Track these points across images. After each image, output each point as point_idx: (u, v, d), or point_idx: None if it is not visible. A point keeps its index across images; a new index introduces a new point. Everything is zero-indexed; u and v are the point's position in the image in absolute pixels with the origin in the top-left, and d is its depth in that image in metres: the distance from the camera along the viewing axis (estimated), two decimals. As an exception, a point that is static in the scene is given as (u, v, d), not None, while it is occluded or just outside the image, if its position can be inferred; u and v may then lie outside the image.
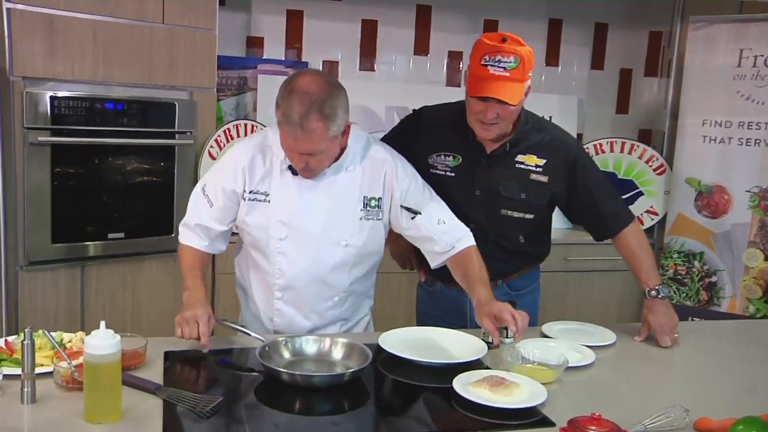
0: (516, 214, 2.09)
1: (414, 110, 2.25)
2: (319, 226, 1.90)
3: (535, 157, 2.07)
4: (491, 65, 1.89)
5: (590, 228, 2.18)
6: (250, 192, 1.91)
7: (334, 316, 2.01)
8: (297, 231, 1.90)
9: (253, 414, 1.49)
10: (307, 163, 1.80)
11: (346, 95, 1.79)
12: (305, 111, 1.69)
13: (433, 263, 2.04)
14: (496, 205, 2.09)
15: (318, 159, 1.80)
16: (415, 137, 2.16)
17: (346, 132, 1.82)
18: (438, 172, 2.11)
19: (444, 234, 1.98)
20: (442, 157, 2.11)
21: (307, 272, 1.93)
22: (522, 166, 2.07)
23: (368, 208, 1.94)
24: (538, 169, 2.07)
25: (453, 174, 2.10)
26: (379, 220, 1.96)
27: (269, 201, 1.90)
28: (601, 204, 2.11)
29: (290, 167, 1.88)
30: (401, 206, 1.96)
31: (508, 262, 2.16)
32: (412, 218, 1.96)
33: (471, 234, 2.02)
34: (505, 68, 1.88)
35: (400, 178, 1.96)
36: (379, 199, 1.95)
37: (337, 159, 1.89)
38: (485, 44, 1.92)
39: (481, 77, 1.91)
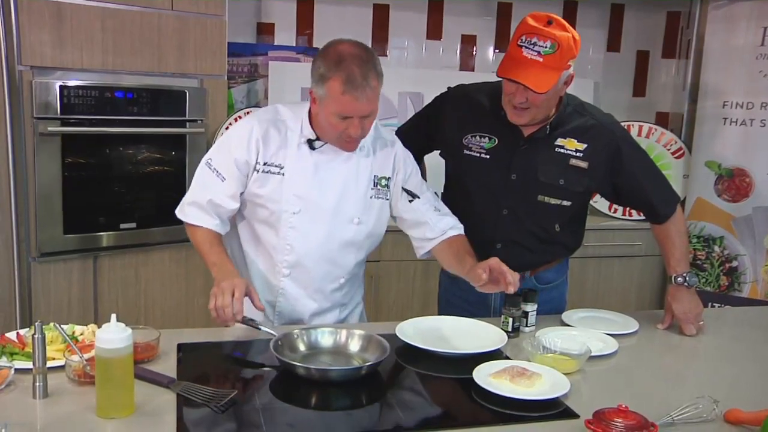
0: (553, 201, 2.02)
1: (449, 87, 2.17)
2: (332, 202, 1.89)
3: (575, 141, 1.99)
4: (526, 47, 1.82)
5: (643, 212, 2.13)
6: (264, 164, 1.87)
7: (336, 299, 1.99)
8: (310, 205, 1.88)
9: (268, 407, 1.45)
10: (362, 130, 1.79)
11: None
12: (366, 72, 1.72)
13: (421, 251, 2.05)
14: (533, 190, 2.01)
15: (371, 121, 1.81)
16: (449, 116, 2.10)
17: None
18: (472, 153, 2.05)
19: (439, 221, 2.01)
20: (477, 138, 2.04)
21: (318, 249, 1.90)
22: (562, 151, 1.99)
23: (378, 187, 1.95)
24: (578, 154, 1.99)
25: (488, 156, 2.03)
26: (387, 200, 1.98)
27: (283, 174, 1.87)
28: (649, 190, 2.04)
29: (309, 141, 1.87)
30: (402, 188, 1.98)
31: (540, 252, 2.09)
32: (410, 201, 1.99)
33: (462, 226, 2.03)
34: (539, 53, 1.80)
35: (406, 162, 1.99)
36: (388, 179, 1.96)
37: None
38: (527, 24, 1.84)
39: (513, 58, 1.84)
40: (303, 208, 1.87)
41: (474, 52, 4.09)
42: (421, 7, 3.99)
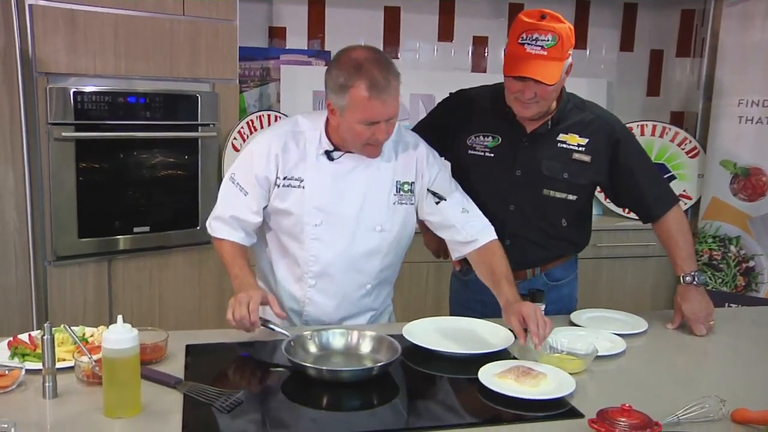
0: (559, 195, 2.03)
1: (451, 93, 2.20)
2: (354, 212, 1.89)
3: (577, 136, 2.02)
4: (528, 44, 1.84)
5: (635, 211, 2.14)
6: (284, 178, 1.88)
7: (364, 305, 2.00)
8: (332, 217, 1.88)
9: (274, 408, 1.46)
10: (388, 132, 1.79)
11: None
12: (386, 74, 1.72)
13: (455, 254, 2.04)
14: (538, 185, 2.03)
15: (395, 122, 1.80)
16: (453, 119, 2.13)
17: None
18: (477, 153, 2.07)
19: (466, 223, 1.97)
20: (481, 138, 2.07)
21: (341, 258, 1.90)
22: (564, 146, 2.02)
23: (401, 192, 1.93)
24: (580, 149, 2.01)
25: (492, 155, 2.05)
26: (411, 204, 1.96)
27: (304, 187, 1.88)
28: (644, 186, 2.05)
29: (327, 152, 1.87)
30: (428, 190, 1.96)
31: (548, 248, 2.11)
32: (437, 203, 1.96)
33: (493, 228, 1.99)
34: (542, 47, 1.83)
35: (431, 164, 1.97)
36: (412, 183, 1.95)
37: None
38: (523, 21, 1.87)
39: (518, 56, 1.86)
40: (324, 220, 1.88)
41: (486, 54, 4.08)
42: (432, 9, 3.99)
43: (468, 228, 1.97)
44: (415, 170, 1.95)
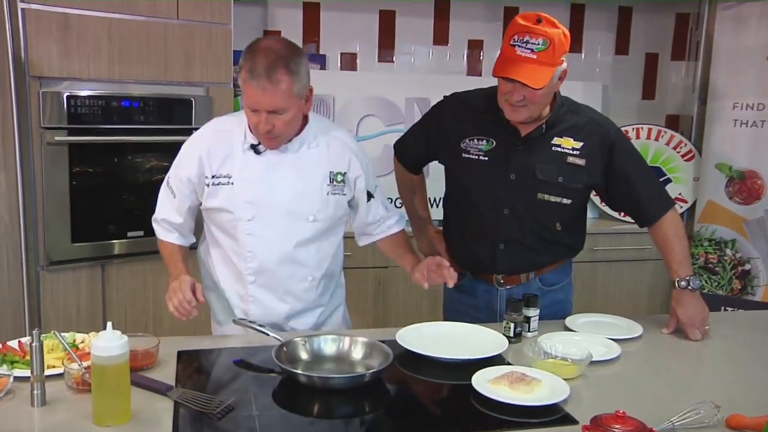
0: (553, 199, 2.02)
1: (445, 96, 2.20)
2: (285, 203, 1.90)
3: (572, 140, 2.01)
4: (519, 46, 1.84)
5: (631, 214, 2.12)
6: (213, 177, 1.90)
7: (311, 300, 2.00)
8: (264, 210, 1.89)
9: (264, 414, 1.45)
10: (273, 126, 1.78)
11: (308, 61, 1.84)
12: (272, 64, 1.72)
13: (365, 241, 2.16)
14: (533, 189, 2.02)
15: (283, 120, 1.79)
16: (447, 123, 2.12)
17: (308, 99, 1.85)
18: (471, 156, 2.06)
19: (387, 218, 2.10)
20: (475, 141, 2.06)
21: (277, 252, 1.92)
22: (558, 149, 2.01)
23: (334, 182, 1.96)
24: (575, 152, 2.00)
25: (486, 158, 2.04)
26: (343, 195, 1.98)
27: (233, 183, 1.89)
28: (640, 189, 2.04)
29: (253, 146, 1.89)
30: (366, 190, 2.03)
31: (543, 252, 2.09)
32: (368, 201, 2.04)
33: (404, 222, 2.16)
34: (532, 50, 1.82)
35: (363, 162, 2.01)
36: (345, 174, 1.97)
37: (299, 133, 1.90)
38: (517, 24, 1.86)
39: (508, 57, 1.85)
40: (256, 214, 1.89)
41: (481, 57, 4.08)
42: (427, 13, 3.99)
43: (389, 221, 2.10)
44: (349, 163, 1.97)
